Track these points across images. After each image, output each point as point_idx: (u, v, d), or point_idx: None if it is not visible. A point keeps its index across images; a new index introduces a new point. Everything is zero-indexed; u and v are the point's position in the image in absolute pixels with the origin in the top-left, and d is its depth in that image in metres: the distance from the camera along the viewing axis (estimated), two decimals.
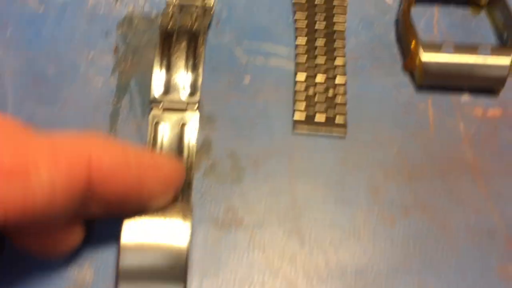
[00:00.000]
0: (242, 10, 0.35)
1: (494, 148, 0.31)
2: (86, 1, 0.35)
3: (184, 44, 0.32)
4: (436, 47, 0.32)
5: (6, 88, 0.32)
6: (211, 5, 0.34)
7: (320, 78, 0.33)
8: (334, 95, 0.32)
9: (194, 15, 0.33)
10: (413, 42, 0.33)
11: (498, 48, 0.32)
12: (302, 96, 0.32)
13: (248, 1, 0.35)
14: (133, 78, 0.32)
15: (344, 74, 0.33)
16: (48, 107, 0.31)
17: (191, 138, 0.29)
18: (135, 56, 0.33)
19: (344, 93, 0.32)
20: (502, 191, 0.29)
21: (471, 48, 0.32)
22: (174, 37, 0.32)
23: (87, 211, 0.23)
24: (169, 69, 0.31)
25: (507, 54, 0.32)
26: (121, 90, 0.32)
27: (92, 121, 0.31)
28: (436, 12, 0.36)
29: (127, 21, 0.34)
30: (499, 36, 0.35)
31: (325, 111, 0.32)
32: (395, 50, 0.34)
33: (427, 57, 0.32)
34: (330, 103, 0.32)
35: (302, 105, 0.32)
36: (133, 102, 0.31)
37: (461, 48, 0.32)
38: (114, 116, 0.31)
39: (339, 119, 0.32)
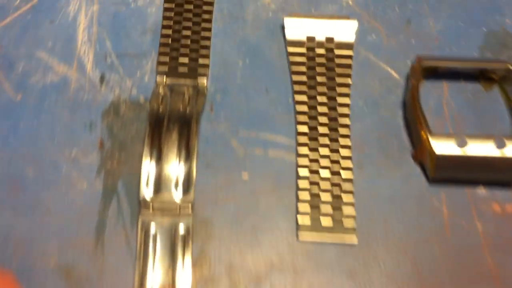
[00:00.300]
0: (238, 92, 0.32)
1: None
2: (68, 84, 0.31)
3: (175, 132, 0.28)
4: (448, 138, 0.29)
5: None
6: (204, 85, 0.30)
7: (324, 173, 0.29)
8: (341, 193, 0.29)
9: (186, 96, 0.29)
10: (423, 132, 0.29)
11: None
12: (305, 195, 0.29)
13: (243, 82, 0.32)
14: (121, 179, 0.29)
15: (350, 167, 0.30)
16: (27, 218, 0.28)
17: (185, 254, 0.27)
18: (122, 152, 0.29)
19: (351, 190, 0.29)
20: None
21: (485, 138, 0.29)
22: (165, 123, 0.29)
23: None
24: (159, 162, 0.27)
25: None
26: (108, 194, 0.28)
27: (76, 233, 0.27)
28: (445, 88, 0.32)
29: (114, 108, 0.31)
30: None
31: (332, 213, 0.28)
32: (403, 135, 0.31)
33: (438, 149, 0.29)
34: (337, 203, 0.29)
35: (306, 207, 0.29)
36: (121, 209, 0.28)
37: (474, 138, 0.29)
38: (100, 226, 0.28)
39: (347, 223, 0.29)
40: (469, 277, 0.27)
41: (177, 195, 0.27)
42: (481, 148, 0.29)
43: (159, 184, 0.27)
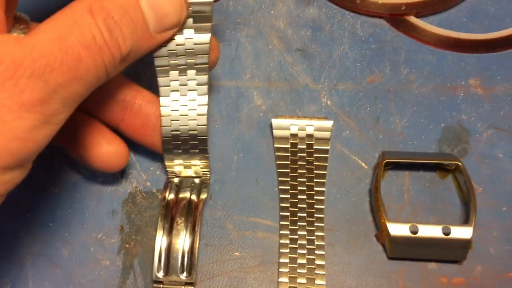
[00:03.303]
0: (232, 183, 0.41)
1: None
2: (95, 179, 0.41)
3: (182, 223, 0.37)
4: (403, 223, 0.38)
5: (27, 270, 0.38)
6: (208, 180, 0.40)
7: (301, 250, 0.39)
8: (314, 266, 0.38)
9: (193, 190, 0.38)
10: (382, 218, 0.38)
11: (459, 225, 0.37)
12: (285, 268, 0.38)
13: (237, 174, 0.41)
14: (137, 257, 0.38)
15: (323, 245, 0.39)
16: None
17: None
18: (138, 235, 0.39)
19: (323, 264, 0.38)
20: None
21: (436, 224, 0.37)
22: (174, 214, 0.37)
23: None
24: (169, 247, 0.36)
25: (468, 230, 0.37)
26: (126, 269, 0.38)
27: None
28: (406, 178, 0.41)
29: (132, 198, 0.40)
30: (462, 199, 0.40)
31: (306, 282, 0.37)
32: (369, 218, 0.40)
33: (394, 232, 0.37)
34: (311, 274, 0.38)
35: (285, 277, 0.38)
36: (136, 282, 0.38)
37: (425, 224, 0.37)
38: None
39: None
40: None
41: (183, 276, 0.36)
42: (430, 232, 0.38)
43: (168, 267, 0.36)
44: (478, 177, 0.41)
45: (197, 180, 0.40)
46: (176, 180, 0.40)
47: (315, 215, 0.40)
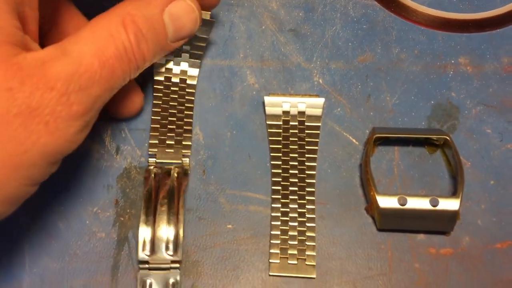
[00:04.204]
0: (226, 159, 0.42)
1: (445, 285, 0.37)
2: (91, 155, 0.42)
3: (165, 205, 0.38)
4: (391, 196, 0.39)
5: (23, 242, 0.39)
6: (188, 165, 0.41)
7: (292, 222, 0.40)
8: (305, 238, 0.39)
9: (173, 175, 0.39)
10: (371, 191, 0.39)
11: (447, 197, 0.39)
12: (276, 240, 0.39)
13: (230, 150, 0.42)
14: (131, 230, 0.39)
15: (313, 218, 0.40)
16: (59, 261, 0.38)
17: None
18: (132, 208, 0.40)
19: (313, 236, 0.39)
20: None
21: (424, 196, 0.38)
22: (157, 198, 0.38)
23: None
24: (153, 229, 0.37)
25: (455, 202, 0.38)
26: (121, 242, 0.39)
27: (96, 273, 0.38)
28: (396, 152, 0.42)
29: (126, 173, 0.41)
30: (451, 173, 0.41)
31: (297, 253, 0.39)
32: (359, 192, 0.41)
33: (383, 205, 0.39)
34: (301, 246, 0.39)
35: (276, 249, 0.39)
36: (131, 254, 0.39)
37: (413, 196, 0.39)
38: (114, 268, 0.38)
39: (309, 261, 0.39)
40: None
41: (168, 255, 0.37)
42: (418, 204, 0.39)
43: (154, 247, 0.37)
44: (466, 152, 0.42)
45: (178, 167, 0.41)
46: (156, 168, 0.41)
47: (306, 189, 0.41)
